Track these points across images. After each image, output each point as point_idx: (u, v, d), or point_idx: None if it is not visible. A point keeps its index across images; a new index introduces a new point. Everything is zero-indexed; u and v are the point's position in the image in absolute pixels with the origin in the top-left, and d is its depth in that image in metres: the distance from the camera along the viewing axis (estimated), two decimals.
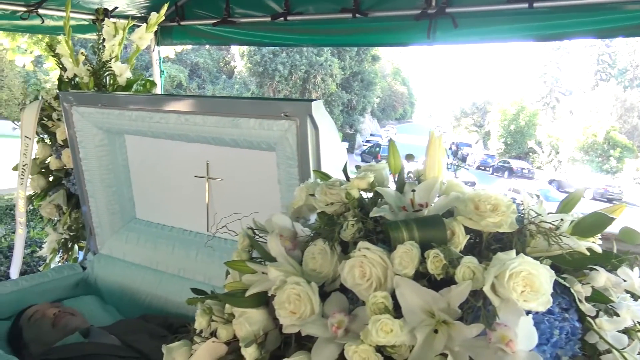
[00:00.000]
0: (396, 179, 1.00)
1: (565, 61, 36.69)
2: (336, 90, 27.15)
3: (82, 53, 2.35)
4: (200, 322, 1.02)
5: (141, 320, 1.89)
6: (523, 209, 0.89)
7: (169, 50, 5.33)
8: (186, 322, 1.89)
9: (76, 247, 2.51)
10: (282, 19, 2.76)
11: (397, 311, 0.80)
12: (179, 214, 2.08)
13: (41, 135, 2.47)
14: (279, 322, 0.94)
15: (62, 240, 2.49)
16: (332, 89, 26.94)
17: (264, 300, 0.96)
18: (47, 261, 2.54)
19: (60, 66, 2.42)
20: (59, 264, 2.53)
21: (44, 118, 2.40)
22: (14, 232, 4.94)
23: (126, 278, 2.13)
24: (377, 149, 25.18)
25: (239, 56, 27.91)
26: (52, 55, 2.41)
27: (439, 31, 2.42)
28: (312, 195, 1.04)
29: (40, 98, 2.46)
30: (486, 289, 0.74)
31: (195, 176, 1.94)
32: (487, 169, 29.10)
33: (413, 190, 0.93)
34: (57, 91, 2.42)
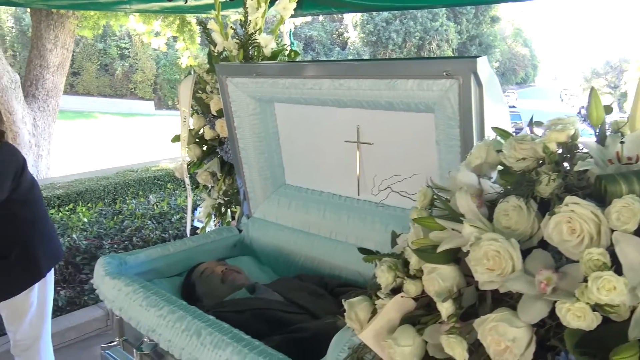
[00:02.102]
0: (598, 131, 0.93)
1: None
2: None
3: (231, 27, 2.47)
4: (386, 278, 1.04)
5: (298, 280, 1.99)
6: None
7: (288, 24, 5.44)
8: (342, 283, 1.98)
9: (229, 211, 2.69)
10: None
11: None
12: (329, 179, 2.14)
13: (195, 108, 2.64)
14: (470, 278, 0.93)
15: (216, 205, 2.68)
16: (448, 54, 25.98)
17: (454, 257, 0.96)
18: (204, 224, 2.75)
19: (210, 41, 2.56)
20: (214, 227, 2.73)
21: (198, 91, 2.56)
22: (163, 200, 5.43)
23: (280, 240, 2.24)
24: None
25: (352, 27, 27.84)
26: (203, 31, 2.56)
27: None
28: (499, 151, 1.01)
29: (192, 72, 2.63)
30: None
31: (345, 141, 1.97)
32: None
33: (622, 142, 0.86)
34: (208, 65, 2.59)
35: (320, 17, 26.37)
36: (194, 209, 3.87)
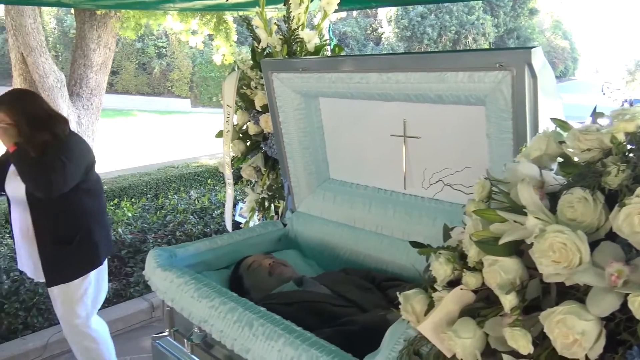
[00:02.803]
0: None
1: None
2: None
3: (275, 23, 2.49)
4: (444, 271, 1.04)
5: (344, 273, 2.00)
6: None
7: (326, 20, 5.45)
8: (389, 276, 1.98)
9: (272, 206, 2.71)
10: None
11: None
12: (374, 173, 2.14)
13: (239, 104, 2.68)
14: (533, 271, 0.92)
15: (260, 200, 2.71)
16: (485, 48, 25.50)
17: (516, 249, 0.94)
18: (247, 219, 2.78)
19: (254, 37, 2.59)
20: (257, 222, 2.77)
21: (243, 87, 2.59)
22: (204, 196, 5.52)
23: (325, 234, 2.26)
24: None
25: (386, 22, 27.64)
26: (247, 28, 2.59)
27: None
28: (562, 142, 0.99)
29: (236, 69, 2.67)
30: None
31: (391, 135, 1.96)
32: None
33: None
34: (252, 61, 2.61)
35: (354, 13, 26.25)
36: (235, 204, 3.92)
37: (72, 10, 8.02)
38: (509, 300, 0.89)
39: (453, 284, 1.07)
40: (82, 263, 2.41)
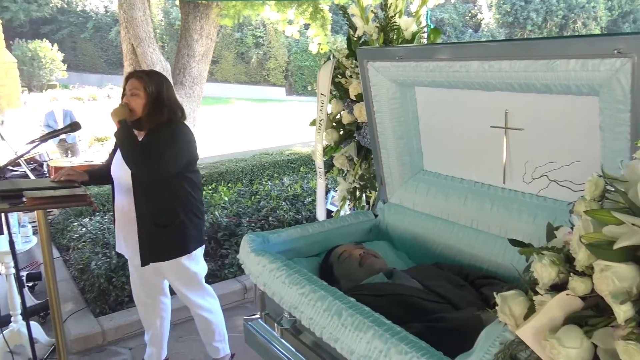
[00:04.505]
0: None
1: None
2: None
3: (372, 11, 2.46)
4: (548, 274, 0.97)
5: (436, 268, 1.94)
6: None
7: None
8: (484, 274, 1.90)
9: (364, 196, 2.70)
10: None
11: None
12: (471, 166, 2.05)
13: (334, 93, 2.68)
14: None
15: (351, 189, 2.70)
16: (596, 33, 23.70)
17: (632, 255, 0.86)
18: (338, 208, 2.79)
19: (350, 25, 2.57)
20: (348, 211, 2.77)
21: (338, 76, 2.59)
22: (296, 183, 5.63)
23: (416, 227, 2.21)
24: None
25: (486, 7, 26.48)
26: (343, 16, 2.57)
27: None
28: None
29: (332, 58, 2.66)
30: None
31: (491, 126, 1.87)
32: None
33: None
34: (348, 50, 2.60)
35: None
36: (327, 192, 3.95)
37: (178, 2, 8.43)
38: (623, 311, 0.81)
39: (557, 288, 1.00)
40: (173, 249, 2.54)
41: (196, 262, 2.64)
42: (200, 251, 2.67)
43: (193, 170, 2.55)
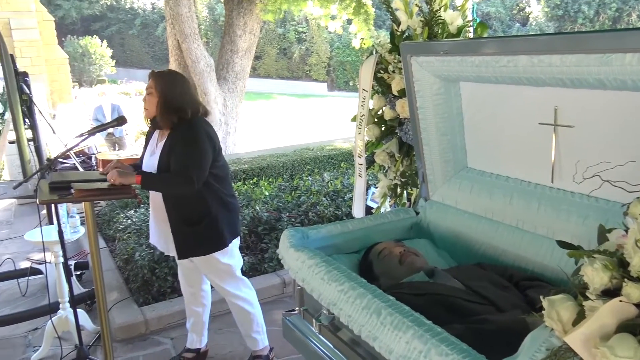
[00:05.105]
0: None
1: None
2: None
3: (416, 5, 2.41)
4: (600, 278, 0.93)
5: (478, 268, 1.89)
6: None
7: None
8: (529, 276, 1.84)
9: (405, 193, 2.66)
10: None
11: None
12: (517, 164, 1.99)
13: (376, 88, 2.65)
14: None
15: (392, 186, 2.67)
16: None
17: None
18: (379, 205, 2.76)
19: (394, 20, 2.53)
20: (389, 208, 2.74)
21: (380, 71, 2.56)
22: (336, 179, 5.61)
23: (459, 225, 2.16)
24: None
25: (534, 0, 25.75)
26: (387, 10, 2.54)
27: None
28: None
29: (374, 53, 2.63)
30: None
31: (540, 123, 1.80)
32: None
33: None
34: (391, 45, 2.56)
35: None
36: (367, 188, 3.92)
37: None
38: None
39: (609, 293, 0.95)
40: (208, 245, 2.57)
41: (230, 255, 2.66)
42: (235, 243, 2.69)
43: (218, 165, 2.53)
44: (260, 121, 14.97)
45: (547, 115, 1.77)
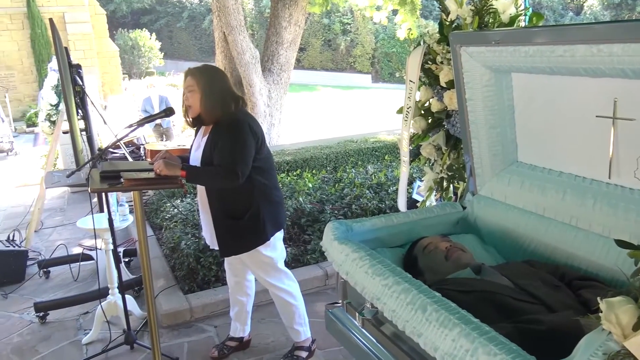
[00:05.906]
0: None
1: None
2: None
3: None
4: None
5: (528, 265, 1.83)
6: None
7: None
8: (583, 275, 1.76)
9: (451, 187, 2.61)
10: None
11: None
12: (571, 158, 1.91)
13: (423, 79, 2.59)
14: None
15: (438, 179, 2.62)
16: None
17: None
18: (424, 198, 2.72)
19: (443, 9, 2.47)
20: (435, 202, 2.68)
21: (428, 62, 2.50)
22: (380, 171, 5.57)
23: (508, 221, 2.10)
24: None
25: None
26: (436, 0, 2.48)
27: None
28: None
29: (422, 43, 2.58)
30: None
31: (597, 116, 1.72)
32: None
33: None
34: (439, 35, 2.50)
35: None
36: (411, 182, 3.87)
37: None
38: None
39: None
40: (250, 240, 2.58)
41: (273, 248, 2.67)
42: (278, 236, 2.69)
43: (261, 157, 2.52)
44: (304, 113, 15.01)
45: (605, 108, 1.68)
